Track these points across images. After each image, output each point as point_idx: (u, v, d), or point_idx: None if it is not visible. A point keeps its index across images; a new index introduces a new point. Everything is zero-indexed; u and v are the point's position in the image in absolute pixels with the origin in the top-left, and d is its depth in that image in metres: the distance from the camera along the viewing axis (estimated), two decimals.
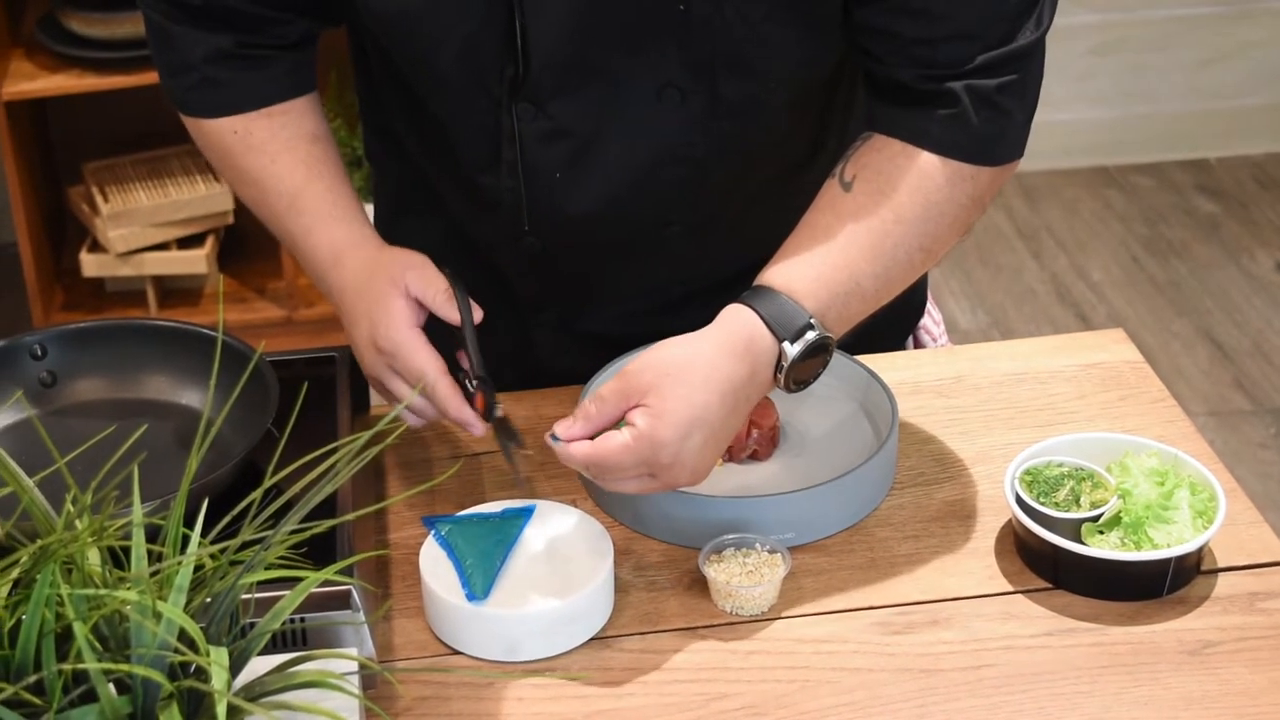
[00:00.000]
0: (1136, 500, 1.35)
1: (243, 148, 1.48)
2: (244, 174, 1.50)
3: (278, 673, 1.05)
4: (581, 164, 1.44)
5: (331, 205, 1.46)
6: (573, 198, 1.46)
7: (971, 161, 1.36)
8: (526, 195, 1.47)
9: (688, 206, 1.48)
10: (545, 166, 1.44)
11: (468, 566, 1.31)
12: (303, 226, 1.47)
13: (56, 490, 1.07)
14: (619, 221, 1.47)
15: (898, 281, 1.37)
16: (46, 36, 3.10)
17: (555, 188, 1.46)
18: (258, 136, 1.48)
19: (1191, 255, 3.68)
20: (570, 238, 1.50)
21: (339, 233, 1.46)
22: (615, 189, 1.45)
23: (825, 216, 1.36)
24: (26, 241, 3.18)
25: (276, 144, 1.48)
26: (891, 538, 1.41)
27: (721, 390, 1.29)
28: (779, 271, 1.34)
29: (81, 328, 1.51)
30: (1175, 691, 1.25)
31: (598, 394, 1.30)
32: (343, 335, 1.48)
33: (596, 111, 1.41)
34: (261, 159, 1.48)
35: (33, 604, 1.00)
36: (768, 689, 1.26)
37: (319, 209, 1.47)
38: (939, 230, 1.36)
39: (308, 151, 1.48)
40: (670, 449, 1.27)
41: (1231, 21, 3.89)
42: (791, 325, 1.31)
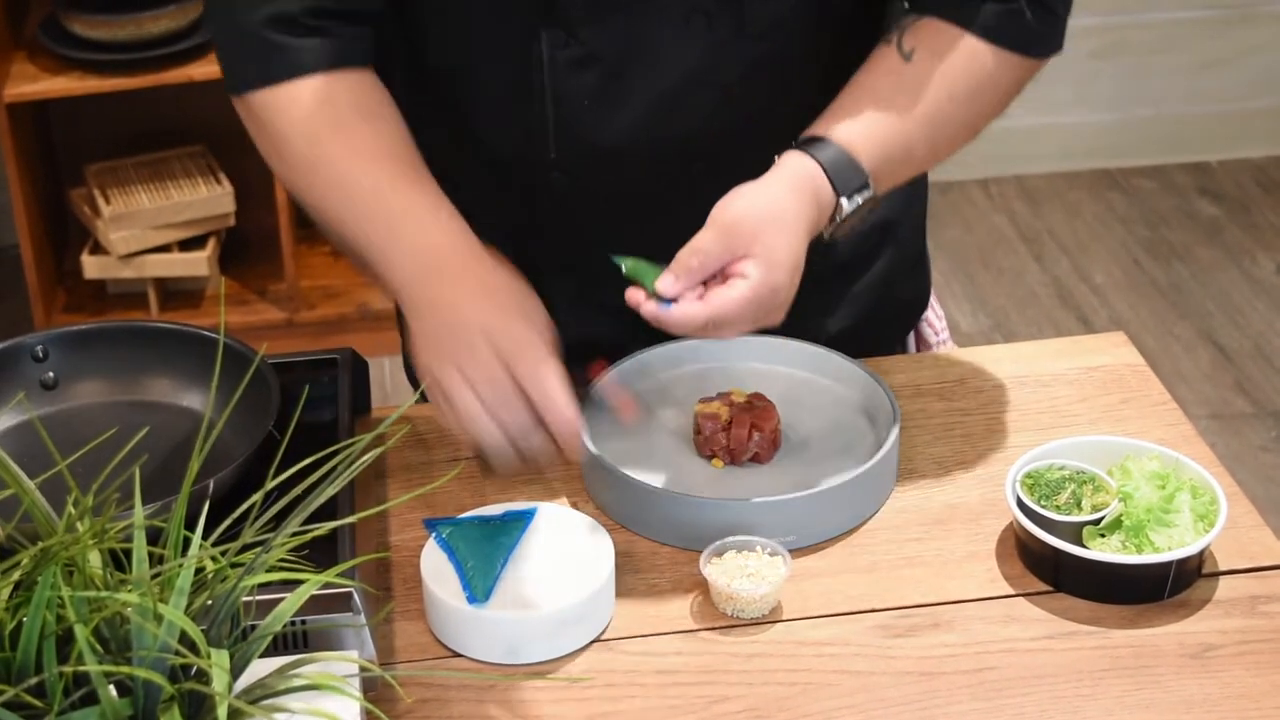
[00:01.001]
0: (1138, 503, 1.35)
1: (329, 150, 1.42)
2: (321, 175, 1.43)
3: (279, 675, 1.05)
4: (610, 91, 1.45)
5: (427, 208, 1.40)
6: (601, 127, 1.46)
7: (1020, 53, 1.44)
8: (555, 123, 1.47)
9: (715, 139, 1.48)
10: (574, 94, 1.45)
11: (469, 569, 1.31)
12: (394, 230, 1.40)
13: (58, 492, 1.07)
14: (646, 155, 1.47)
15: (943, 155, 1.45)
16: (49, 38, 3.10)
17: (584, 115, 1.46)
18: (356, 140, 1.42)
19: (1193, 258, 3.68)
20: (597, 174, 1.49)
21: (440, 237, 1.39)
22: (643, 118, 1.46)
23: (885, 81, 1.42)
24: (28, 243, 3.19)
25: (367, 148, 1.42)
26: (893, 541, 1.41)
27: (807, 231, 1.35)
28: (840, 126, 1.39)
29: (83, 330, 1.51)
30: (1176, 694, 1.25)
31: (695, 247, 1.32)
32: (343, 337, 1.48)
33: (625, 38, 1.42)
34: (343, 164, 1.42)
35: (34, 606, 1.00)
36: (769, 692, 1.26)
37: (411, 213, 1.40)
38: (983, 111, 1.45)
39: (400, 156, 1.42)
40: (784, 292, 1.33)
41: (1233, 25, 3.89)
42: (851, 182, 1.37)
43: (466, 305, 1.35)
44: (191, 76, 3.11)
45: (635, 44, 1.43)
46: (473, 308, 1.35)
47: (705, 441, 1.47)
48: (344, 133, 1.43)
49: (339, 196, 1.43)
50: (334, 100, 1.44)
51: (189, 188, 3.27)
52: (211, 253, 3.28)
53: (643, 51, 1.43)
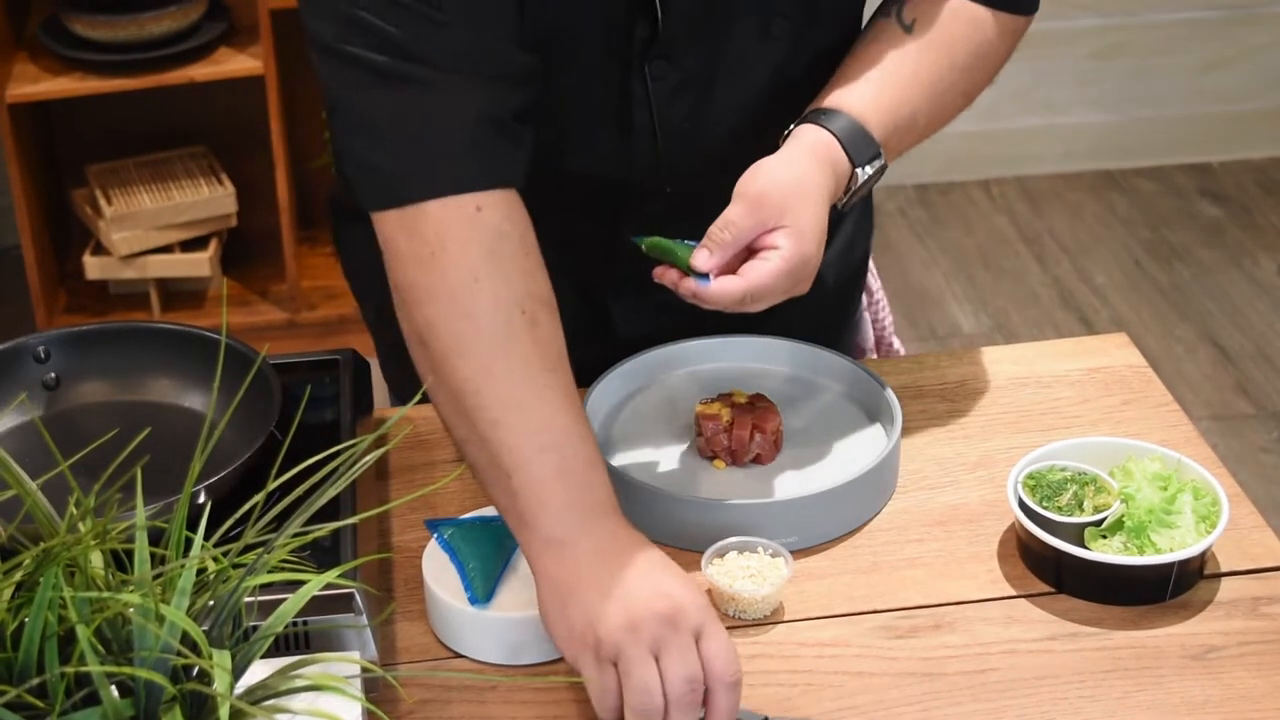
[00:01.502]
0: (1139, 504, 1.35)
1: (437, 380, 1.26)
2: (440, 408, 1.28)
3: (280, 676, 1.05)
4: (702, 106, 1.46)
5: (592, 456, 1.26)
6: (700, 143, 1.48)
7: (1014, 12, 1.46)
8: (666, 153, 1.47)
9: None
10: (677, 119, 1.46)
11: (470, 570, 1.31)
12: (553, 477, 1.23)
13: (60, 493, 1.07)
14: (737, 161, 1.43)
15: (943, 121, 1.48)
16: (50, 39, 3.10)
17: (687, 137, 1.47)
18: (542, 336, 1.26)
19: (1194, 259, 3.67)
20: (698, 186, 1.46)
21: (602, 494, 1.25)
22: (732, 125, 1.48)
23: (889, 52, 1.43)
24: (30, 244, 3.18)
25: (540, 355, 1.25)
26: (894, 542, 1.41)
27: (828, 201, 1.37)
28: (851, 97, 1.41)
29: (85, 330, 1.51)
30: (1178, 696, 1.25)
31: (727, 220, 1.33)
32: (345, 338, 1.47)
33: (715, 54, 1.44)
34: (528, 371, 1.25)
35: (35, 607, 1.00)
36: (770, 693, 1.26)
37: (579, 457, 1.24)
38: (981, 78, 1.48)
39: (558, 367, 1.27)
40: (814, 261, 1.34)
41: (1234, 25, 3.89)
42: (865, 151, 1.39)
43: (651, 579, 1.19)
44: (193, 77, 3.11)
45: (722, 57, 1.45)
46: (660, 583, 1.19)
47: (707, 443, 1.47)
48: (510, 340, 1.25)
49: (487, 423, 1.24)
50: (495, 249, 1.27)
51: (191, 188, 3.27)
52: (213, 253, 3.28)
53: (728, 63, 1.45)
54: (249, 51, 3.14)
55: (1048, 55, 3.75)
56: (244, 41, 3.16)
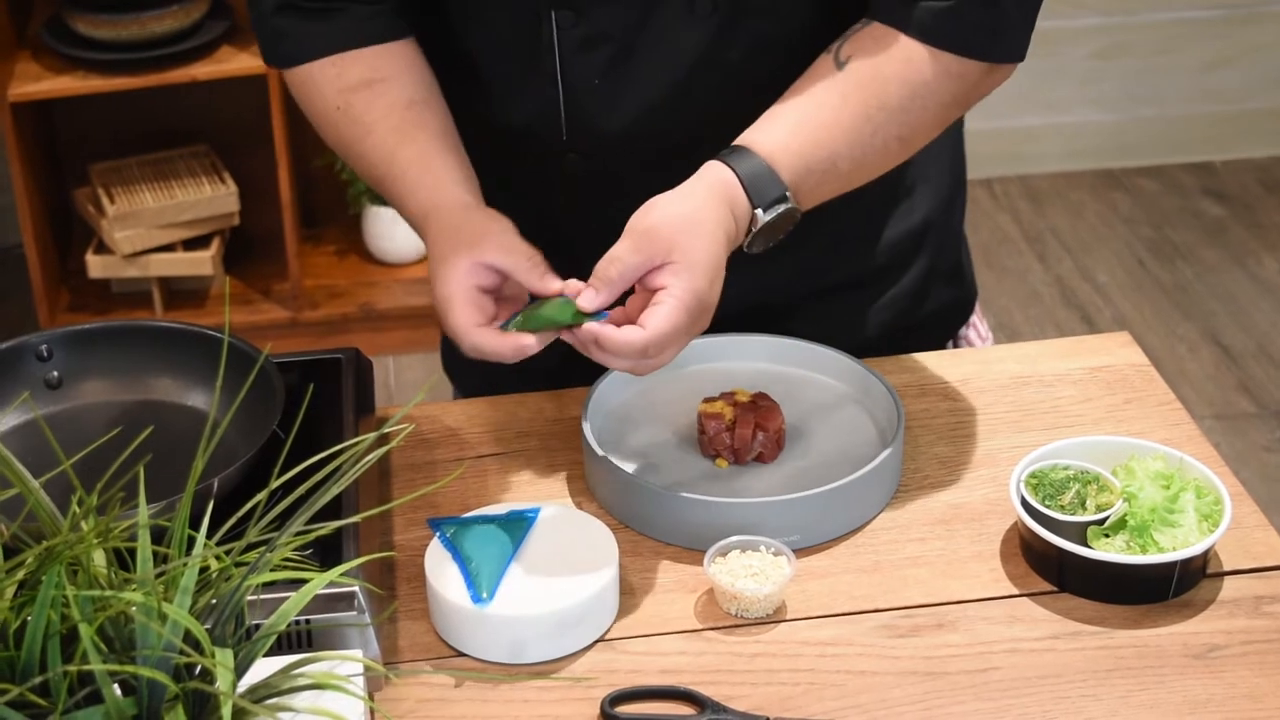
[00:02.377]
0: (1142, 503, 1.35)
1: (345, 120, 1.49)
2: (346, 147, 1.51)
3: (283, 674, 1.05)
4: (619, 72, 1.45)
5: (422, 168, 1.45)
6: (611, 108, 1.47)
7: (961, 54, 1.38)
8: (565, 105, 1.47)
9: (724, 121, 1.46)
10: (584, 74, 1.46)
11: (473, 568, 1.31)
12: (397, 195, 1.47)
13: (62, 491, 1.07)
14: (657, 137, 1.47)
15: (873, 167, 1.41)
16: (53, 38, 3.11)
17: (594, 97, 1.46)
18: (356, 109, 1.49)
19: (1197, 258, 3.67)
20: (610, 155, 1.49)
21: (425, 198, 1.44)
22: (653, 99, 1.46)
23: (815, 91, 1.38)
24: (32, 243, 3.19)
25: (372, 116, 1.48)
26: (897, 541, 1.41)
27: (725, 237, 1.33)
28: (762, 137, 1.37)
29: (87, 329, 1.51)
30: (1181, 695, 1.25)
31: (613, 256, 1.31)
32: (347, 337, 1.49)
33: (634, 19, 1.43)
34: (358, 131, 1.48)
35: (38, 605, 1.00)
36: (772, 691, 1.26)
37: (407, 173, 1.45)
38: (920, 122, 1.40)
39: (401, 118, 1.47)
40: (710, 297, 1.31)
41: (1237, 24, 3.89)
42: (768, 193, 1.35)
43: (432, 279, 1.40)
44: (195, 76, 3.11)
45: (643, 25, 1.43)
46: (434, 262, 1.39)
47: (709, 441, 1.47)
48: (349, 107, 1.48)
49: (357, 168, 1.51)
50: (342, 77, 1.49)
51: (193, 187, 3.27)
52: (216, 252, 3.28)
53: (651, 33, 1.44)
54: (251, 50, 3.14)
55: (1050, 54, 3.75)
56: (246, 40, 3.16)
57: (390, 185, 1.48)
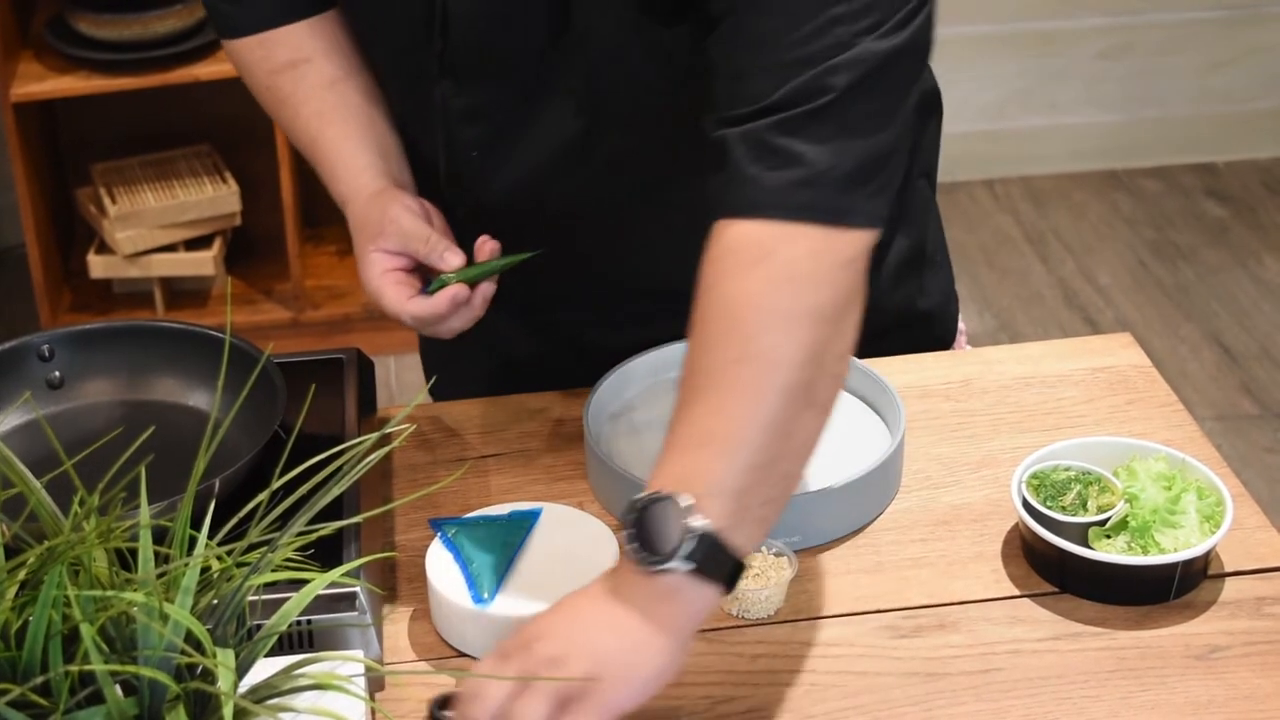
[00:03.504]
0: (1143, 504, 1.35)
1: (275, 101, 1.54)
2: (283, 126, 1.56)
3: (284, 674, 1.05)
4: (497, 149, 1.46)
5: (337, 155, 1.50)
6: (489, 179, 1.48)
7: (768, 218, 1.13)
8: (445, 167, 1.49)
9: (598, 205, 1.48)
10: (463, 144, 1.47)
11: (474, 569, 1.31)
12: (324, 180, 1.52)
13: (64, 491, 1.07)
14: (533, 210, 1.48)
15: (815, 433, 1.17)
16: (55, 38, 3.11)
17: (473, 166, 1.48)
18: (283, 90, 1.53)
19: (1199, 259, 3.67)
20: (492, 218, 1.47)
21: (341, 189, 1.49)
22: (527, 178, 1.46)
23: (687, 385, 1.16)
24: (34, 243, 3.19)
25: (297, 98, 1.52)
26: (898, 541, 1.41)
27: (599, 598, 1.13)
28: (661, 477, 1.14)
29: (89, 329, 1.51)
30: (1182, 696, 1.25)
31: None
32: (349, 337, 1.49)
33: (511, 100, 1.43)
34: (287, 112, 1.54)
35: (40, 605, 1.00)
36: (774, 692, 1.26)
37: (327, 160, 1.51)
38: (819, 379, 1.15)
39: (322, 101, 1.51)
40: (546, 637, 1.11)
41: (1240, 26, 3.89)
42: (659, 549, 1.11)
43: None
44: (197, 76, 3.11)
45: (519, 108, 1.43)
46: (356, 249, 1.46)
47: None
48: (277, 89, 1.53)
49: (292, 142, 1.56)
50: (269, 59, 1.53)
51: (195, 187, 3.27)
52: (217, 252, 3.28)
53: (526, 115, 1.43)
54: None
55: (1053, 55, 3.75)
56: None
57: (318, 170, 1.52)
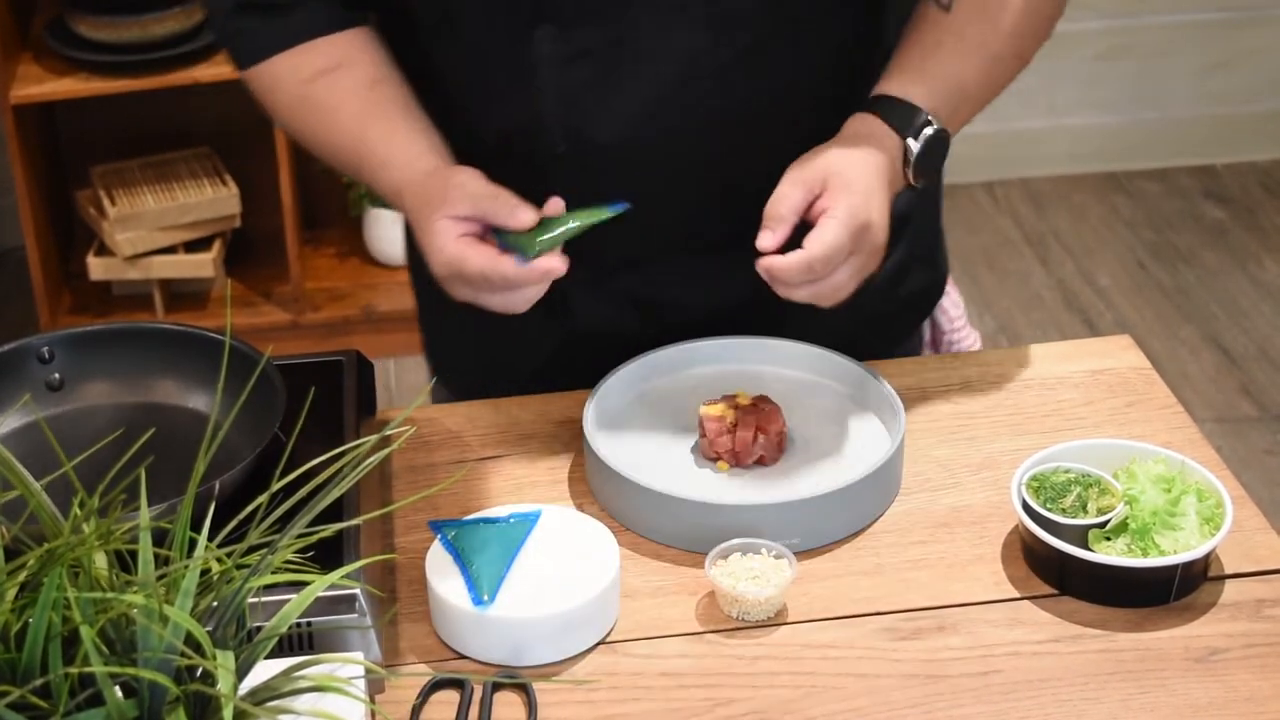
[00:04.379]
0: (1143, 506, 1.35)
1: (308, 110, 1.51)
2: (313, 137, 1.53)
3: (284, 677, 1.05)
4: (607, 85, 1.46)
5: (387, 147, 1.47)
6: (602, 120, 1.48)
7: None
8: (557, 119, 1.48)
9: (716, 127, 1.49)
10: (572, 89, 1.47)
11: (474, 571, 1.31)
12: (369, 174, 1.49)
13: (64, 494, 1.07)
14: (650, 146, 1.49)
15: (999, 85, 1.51)
16: (54, 40, 3.11)
17: (584, 110, 1.48)
18: (318, 97, 1.50)
19: (1199, 261, 3.67)
20: (604, 166, 1.50)
21: (395, 176, 1.46)
22: (642, 110, 1.47)
23: (928, 33, 1.47)
24: (34, 245, 3.19)
25: (334, 101, 1.50)
26: (898, 544, 1.41)
27: (881, 173, 1.40)
28: (890, 83, 1.46)
29: (89, 331, 1.51)
30: (1182, 698, 1.25)
31: (778, 195, 1.38)
32: (348, 339, 1.49)
33: (616, 33, 1.44)
34: (322, 118, 1.51)
35: (39, 607, 1.00)
36: (774, 695, 1.26)
37: (376, 154, 1.48)
38: (1031, 38, 1.51)
39: (364, 99, 1.49)
40: (866, 212, 1.37)
41: (1239, 27, 3.89)
42: (910, 122, 1.43)
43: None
44: (197, 78, 3.11)
45: (626, 38, 1.44)
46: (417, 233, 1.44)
47: (710, 444, 1.47)
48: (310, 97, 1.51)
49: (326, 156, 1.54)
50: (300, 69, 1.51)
51: (194, 189, 3.27)
52: (217, 254, 3.28)
53: (634, 45, 1.44)
54: None
55: (1052, 57, 3.73)
56: None
57: (361, 166, 1.50)
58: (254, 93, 1.55)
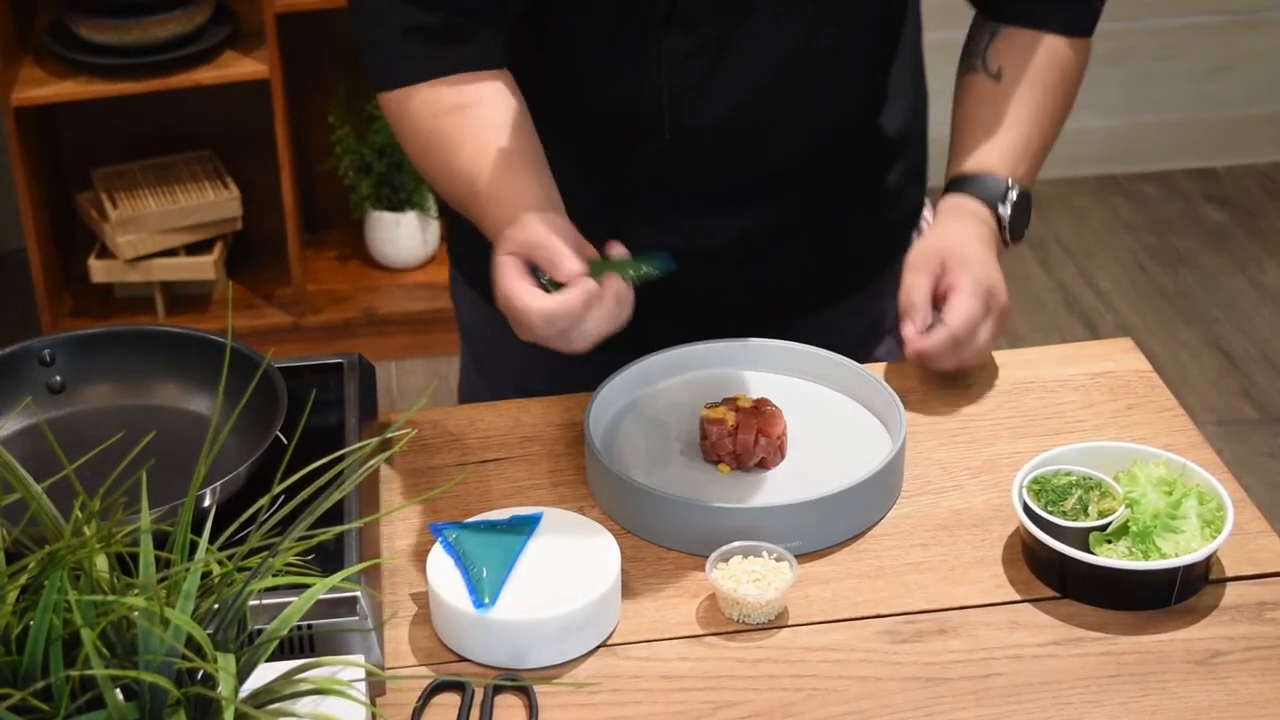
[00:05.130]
0: (1144, 509, 1.35)
1: (434, 143, 1.51)
2: (433, 169, 1.53)
3: (285, 679, 1.05)
4: (716, 75, 1.55)
5: (501, 188, 1.46)
6: (707, 106, 1.56)
7: (1084, 35, 1.65)
8: (669, 108, 1.55)
9: (800, 110, 1.60)
10: (684, 82, 1.54)
11: (475, 573, 1.31)
12: (478, 214, 1.48)
13: (65, 496, 1.07)
14: (746, 132, 1.59)
15: (1055, 134, 1.67)
16: (56, 43, 3.11)
17: (693, 98, 1.55)
18: (446, 132, 1.50)
19: (1199, 264, 3.67)
20: (702, 151, 1.59)
21: (501, 218, 1.44)
22: (742, 97, 1.56)
23: (987, 107, 1.63)
24: (35, 247, 3.19)
25: (461, 137, 1.50)
26: (898, 546, 1.41)
27: (983, 236, 1.58)
28: (969, 161, 1.62)
29: (90, 334, 1.51)
30: (1183, 701, 1.25)
31: (906, 289, 1.54)
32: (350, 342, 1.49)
33: (731, 30, 1.53)
34: (447, 153, 1.50)
35: (41, 610, 1.00)
36: (774, 697, 1.26)
37: (488, 195, 1.46)
38: (1071, 93, 1.67)
39: (486, 141, 1.48)
40: (987, 277, 1.54)
41: (1239, 31, 3.89)
42: (996, 191, 1.60)
43: None
44: (199, 81, 3.11)
45: (739, 34, 1.53)
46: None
47: (711, 447, 1.47)
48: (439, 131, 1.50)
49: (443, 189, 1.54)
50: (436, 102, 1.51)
51: (196, 192, 3.27)
52: (218, 257, 3.28)
53: (744, 40, 1.54)
54: (255, 55, 3.14)
55: None
56: (250, 45, 3.16)
57: (470, 203, 1.49)
58: (386, 115, 1.56)
